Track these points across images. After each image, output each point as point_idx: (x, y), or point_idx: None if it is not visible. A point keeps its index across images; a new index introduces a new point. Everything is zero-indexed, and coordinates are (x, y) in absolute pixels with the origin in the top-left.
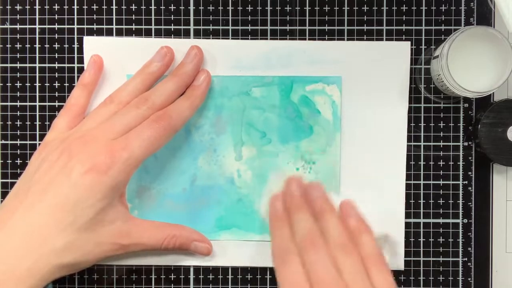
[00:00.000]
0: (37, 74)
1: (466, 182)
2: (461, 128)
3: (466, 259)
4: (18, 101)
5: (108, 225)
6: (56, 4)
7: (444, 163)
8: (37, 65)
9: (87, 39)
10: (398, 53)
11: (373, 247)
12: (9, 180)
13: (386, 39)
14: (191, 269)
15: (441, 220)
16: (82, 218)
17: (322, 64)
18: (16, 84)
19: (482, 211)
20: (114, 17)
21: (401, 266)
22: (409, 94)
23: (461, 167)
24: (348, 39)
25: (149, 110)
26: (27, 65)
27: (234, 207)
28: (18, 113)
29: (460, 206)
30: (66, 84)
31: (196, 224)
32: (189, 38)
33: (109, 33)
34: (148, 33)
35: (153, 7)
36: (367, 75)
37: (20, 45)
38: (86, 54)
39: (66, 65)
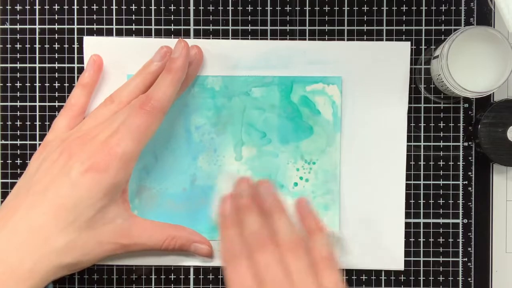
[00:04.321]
0: (37, 74)
1: (466, 182)
2: (461, 128)
3: (466, 259)
4: (18, 101)
5: (109, 223)
6: (56, 4)
7: (444, 163)
8: (37, 65)
9: (87, 39)
10: (398, 53)
11: (325, 248)
12: (9, 180)
13: (386, 39)
14: (191, 269)
15: (441, 220)
16: (82, 217)
17: (322, 64)
18: (16, 84)
19: (482, 211)
20: (114, 17)
21: (401, 266)
22: (409, 94)
23: (461, 167)
24: (348, 39)
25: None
26: (27, 65)
27: None
28: (18, 113)
29: (460, 206)
30: (66, 84)
31: (196, 224)
32: (189, 38)
33: (109, 33)
34: (148, 33)
35: (153, 7)
36: (367, 75)
37: (20, 45)
38: (86, 54)
39: (66, 65)
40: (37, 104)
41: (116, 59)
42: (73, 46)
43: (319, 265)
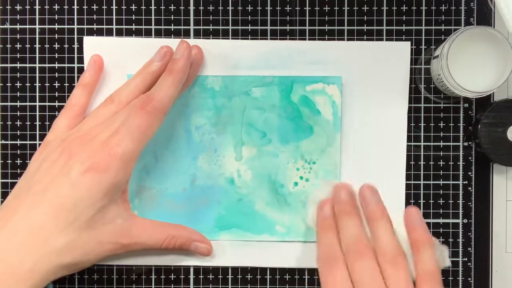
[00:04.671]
0: (37, 74)
1: (466, 182)
2: (461, 128)
3: (466, 259)
4: (18, 101)
5: (109, 223)
6: (56, 4)
7: (444, 163)
8: (37, 65)
9: (87, 39)
10: (398, 53)
11: (432, 264)
12: (9, 180)
13: (386, 39)
14: (191, 269)
15: (441, 220)
16: (82, 217)
17: (322, 64)
18: (16, 84)
19: (482, 211)
20: (114, 17)
21: None
22: (409, 94)
23: (461, 167)
24: (348, 39)
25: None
26: (27, 65)
27: (234, 207)
28: (18, 113)
29: (460, 206)
30: (66, 84)
31: (196, 224)
32: (189, 38)
33: (109, 33)
34: (148, 33)
35: (153, 7)
36: (367, 75)
37: (20, 45)
38: (86, 54)
39: (66, 65)
40: (37, 104)
41: (116, 59)
42: (73, 46)
43: (422, 279)
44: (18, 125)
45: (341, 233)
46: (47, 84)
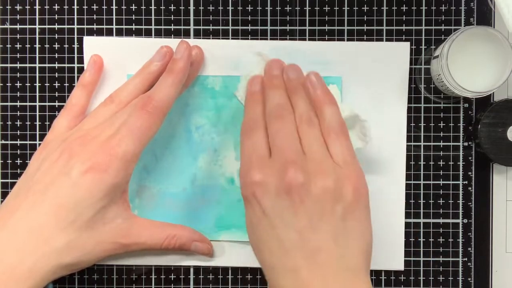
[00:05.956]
0: (37, 74)
1: (466, 182)
2: (461, 128)
3: (466, 259)
4: (18, 101)
5: (109, 223)
6: (56, 4)
7: (444, 163)
8: (37, 65)
9: (87, 39)
10: (398, 53)
11: (335, 118)
12: (9, 180)
13: (386, 39)
14: (191, 269)
15: (441, 220)
16: (83, 217)
17: (322, 64)
18: (16, 84)
19: (482, 211)
20: (114, 17)
21: (401, 266)
22: (409, 94)
23: (461, 167)
24: (348, 39)
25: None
26: (27, 65)
27: (234, 207)
28: (18, 113)
29: (460, 206)
30: (66, 84)
31: (196, 224)
32: (189, 38)
33: (109, 33)
34: (148, 33)
35: (153, 7)
36: (367, 75)
37: (20, 45)
38: (86, 54)
39: (66, 65)
40: (37, 104)
41: (116, 59)
42: (73, 46)
43: (330, 135)
44: (18, 125)
45: (266, 103)
46: (47, 84)
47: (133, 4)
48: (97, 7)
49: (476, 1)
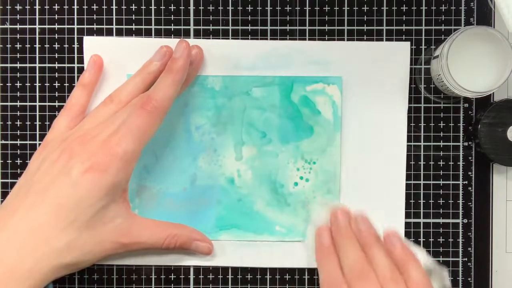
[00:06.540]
0: (37, 74)
1: (466, 182)
2: (461, 128)
3: (466, 259)
4: (18, 101)
5: (109, 223)
6: (56, 4)
7: (444, 163)
8: (37, 65)
9: (87, 39)
10: (398, 53)
11: (421, 275)
12: (9, 180)
13: (386, 39)
14: (191, 269)
15: (441, 220)
16: (83, 217)
17: (322, 64)
18: (16, 84)
19: (482, 211)
20: (114, 17)
21: None
22: (409, 94)
23: (461, 167)
24: (348, 39)
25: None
26: (27, 65)
27: (234, 207)
28: (18, 113)
29: (460, 206)
30: (66, 84)
31: (196, 224)
32: (189, 38)
33: (109, 33)
34: (148, 33)
35: (153, 7)
36: (367, 75)
37: (20, 45)
38: (86, 54)
39: (66, 65)
40: (37, 104)
41: (116, 59)
42: (73, 46)
43: None
44: (18, 125)
45: (342, 259)
46: (47, 84)
47: (133, 4)
48: (97, 7)
49: (476, 1)
